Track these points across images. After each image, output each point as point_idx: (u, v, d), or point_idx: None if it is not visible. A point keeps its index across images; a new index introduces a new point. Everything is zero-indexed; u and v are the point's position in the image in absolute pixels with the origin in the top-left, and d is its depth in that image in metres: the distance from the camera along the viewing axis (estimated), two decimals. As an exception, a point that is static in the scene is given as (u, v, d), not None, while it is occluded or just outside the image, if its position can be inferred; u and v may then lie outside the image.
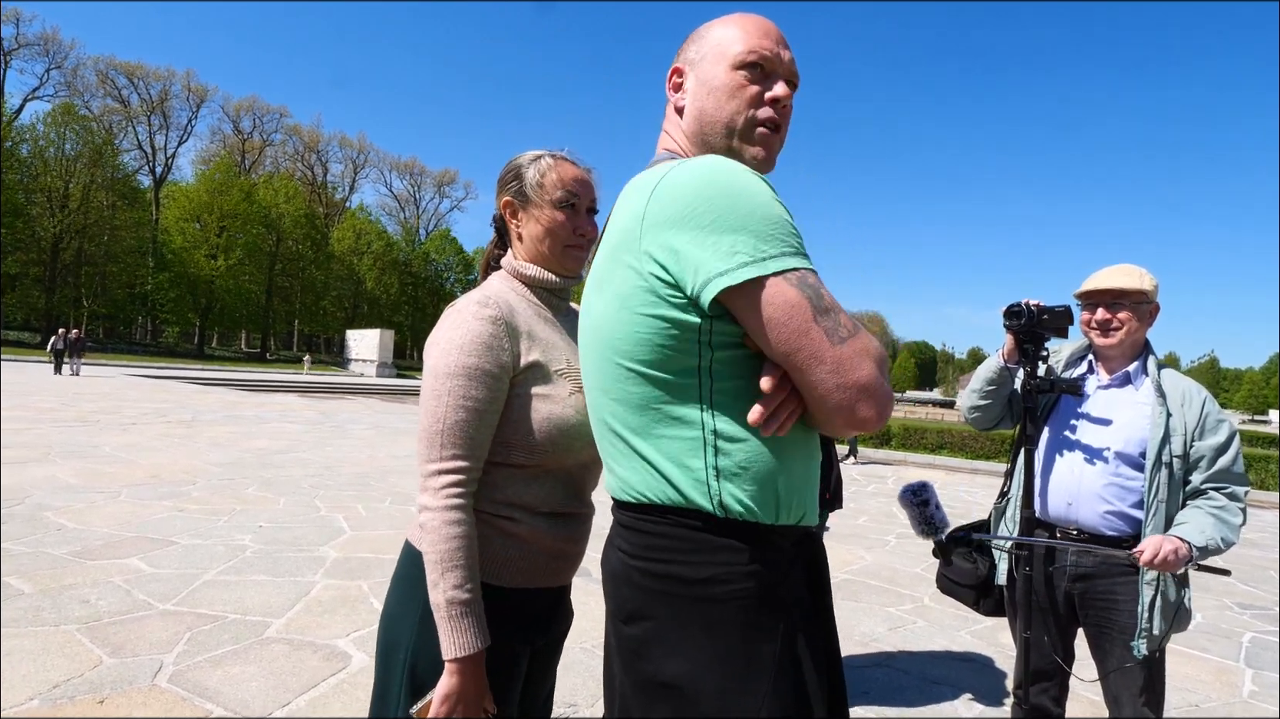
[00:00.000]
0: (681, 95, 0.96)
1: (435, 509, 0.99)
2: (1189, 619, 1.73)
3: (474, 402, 1.01)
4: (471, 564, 0.99)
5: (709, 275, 0.75)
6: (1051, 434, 1.87)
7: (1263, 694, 3.14)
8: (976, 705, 2.75)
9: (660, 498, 0.82)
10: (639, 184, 0.86)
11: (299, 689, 2.48)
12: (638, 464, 0.84)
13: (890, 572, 4.83)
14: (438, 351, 1.04)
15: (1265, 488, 11.73)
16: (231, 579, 3.61)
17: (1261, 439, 22.91)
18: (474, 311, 1.05)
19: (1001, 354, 1.89)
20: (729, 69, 0.91)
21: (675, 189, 0.79)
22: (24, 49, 48.33)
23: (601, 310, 0.86)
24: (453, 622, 0.97)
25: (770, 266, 0.75)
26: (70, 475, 6.00)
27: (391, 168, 75.02)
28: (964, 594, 2.01)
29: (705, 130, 0.92)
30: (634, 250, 0.81)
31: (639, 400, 0.83)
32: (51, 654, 2.59)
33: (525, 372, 1.06)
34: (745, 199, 0.77)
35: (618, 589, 0.88)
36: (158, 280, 48.53)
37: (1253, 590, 5.09)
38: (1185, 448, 1.70)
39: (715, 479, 0.80)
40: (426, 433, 1.02)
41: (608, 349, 0.85)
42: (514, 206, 1.16)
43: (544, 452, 1.05)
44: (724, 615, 0.79)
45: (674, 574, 0.81)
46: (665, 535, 0.83)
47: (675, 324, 0.79)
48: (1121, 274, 1.78)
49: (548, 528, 1.09)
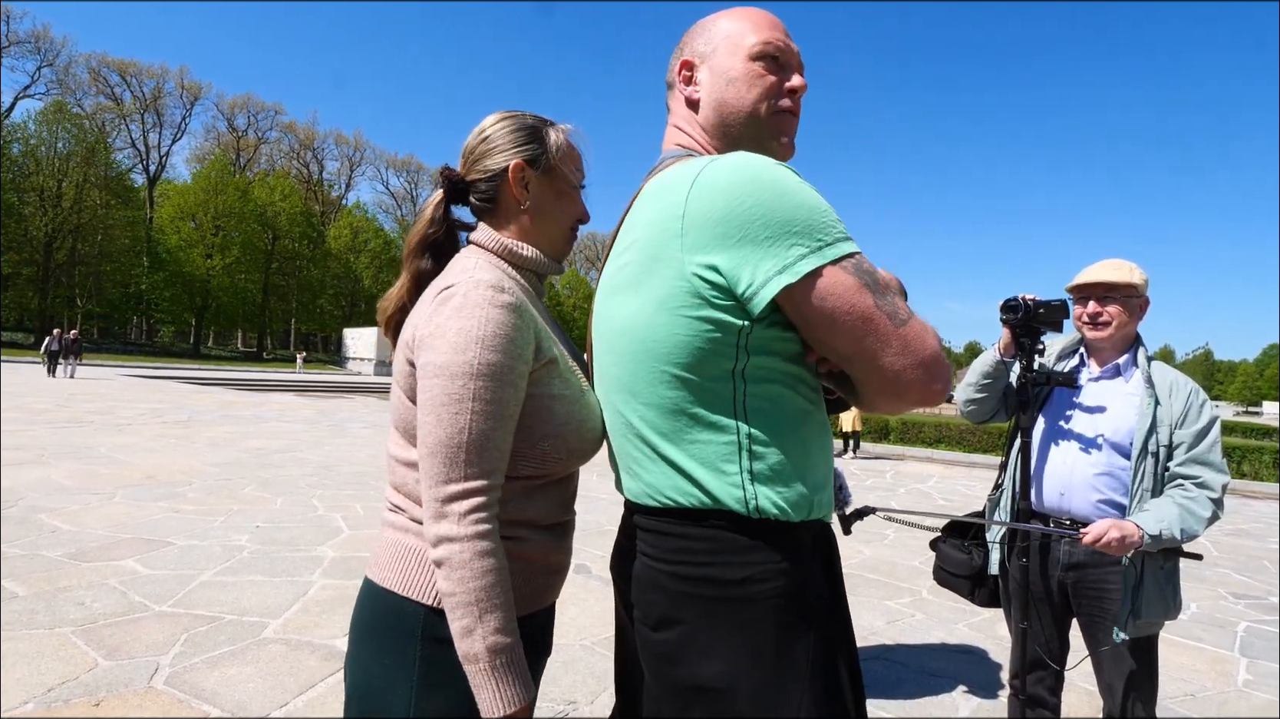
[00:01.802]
0: (695, 88, 0.95)
1: (462, 539, 0.82)
2: (1178, 609, 1.75)
3: (500, 406, 0.85)
4: (510, 603, 0.84)
5: (767, 275, 0.75)
6: (1044, 426, 1.89)
7: (1257, 683, 3.16)
8: (974, 698, 2.76)
9: (691, 502, 0.81)
10: (670, 181, 0.83)
11: (297, 690, 2.47)
12: (666, 469, 0.83)
13: (889, 566, 4.84)
14: (447, 345, 0.84)
15: (1259, 479, 11.80)
16: (228, 580, 3.60)
17: (1256, 430, 23.03)
18: (489, 297, 0.86)
19: (998, 348, 1.92)
20: (745, 60, 0.91)
21: (717, 187, 0.77)
22: (14, 47, 48.01)
23: (636, 311, 0.83)
24: (496, 673, 0.81)
25: (828, 254, 0.75)
26: (65, 477, 5.98)
27: (388, 165, 74.87)
28: (959, 585, 2.04)
29: (727, 120, 0.92)
30: (673, 251, 0.79)
31: (672, 404, 0.82)
32: (46, 657, 2.58)
33: (544, 368, 0.92)
34: (790, 193, 0.76)
35: (644, 595, 0.85)
36: (153, 280, 48.37)
37: (1247, 580, 5.12)
38: (1171, 437, 1.73)
39: (750, 483, 0.80)
40: (444, 447, 0.83)
41: (643, 352, 0.83)
42: (525, 174, 0.97)
43: (556, 459, 0.92)
44: (759, 615, 0.79)
45: (708, 576, 0.80)
46: (697, 538, 0.81)
47: (717, 326, 0.78)
48: (1112, 268, 1.82)
49: (551, 541, 0.98)
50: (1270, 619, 4.16)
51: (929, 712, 2.62)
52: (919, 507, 7.44)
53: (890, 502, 7.67)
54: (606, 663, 2.87)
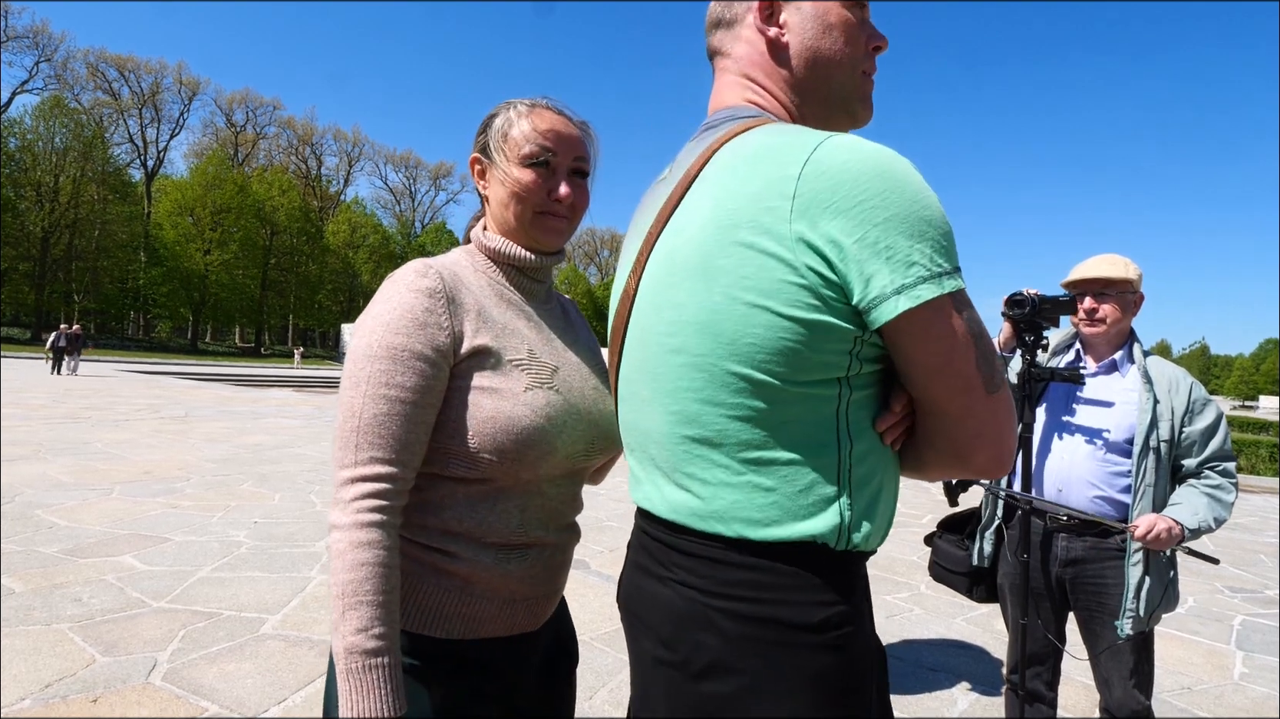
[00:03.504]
0: (781, 30, 0.78)
1: (344, 527, 0.77)
2: (1176, 601, 1.77)
3: (399, 390, 0.80)
4: (385, 602, 0.76)
5: (884, 290, 0.62)
6: (1041, 421, 1.89)
7: (1253, 676, 3.17)
8: (972, 692, 2.77)
9: (772, 533, 0.68)
10: (762, 150, 0.68)
11: (295, 686, 2.47)
12: (744, 492, 0.69)
13: (888, 560, 4.85)
14: (362, 329, 0.84)
15: (1256, 473, 11.84)
16: (226, 576, 3.59)
17: (1252, 424, 23.08)
18: (408, 281, 0.85)
19: (998, 342, 1.92)
20: (841, 5, 0.77)
21: (843, 169, 0.63)
22: (12, 42, 47.75)
23: (713, 305, 0.68)
24: (352, 678, 0.74)
25: (946, 285, 0.63)
26: (61, 473, 5.96)
27: (387, 160, 74.69)
28: (957, 581, 2.03)
29: (820, 77, 0.78)
30: (780, 235, 0.64)
31: (760, 414, 0.68)
32: (43, 654, 2.57)
33: (469, 358, 0.85)
34: (923, 199, 0.64)
35: (688, 635, 0.70)
36: (150, 275, 48.23)
37: (1243, 574, 5.13)
38: (1173, 433, 1.74)
39: (849, 509, 0.69)
40: (341, 431, 0.81)
41: (723, 353, 0.68)
42: (480, 164, 0.95)
43: (488, 462, 0.84)
44: (834, 664, 0.68)
45: (778, 618, 0.67)
46: (769, 571, 0.68)
47: (829, 331, 0.65)
48: (1107, 264, 1.83)
49: (494, 563, 0.87)
50: (1266, 613, 4.17)
51: (927, 706, 2.63)
52: (918, 501, 7.44)
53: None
54: (606, 659, 2.87)
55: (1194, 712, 2.76)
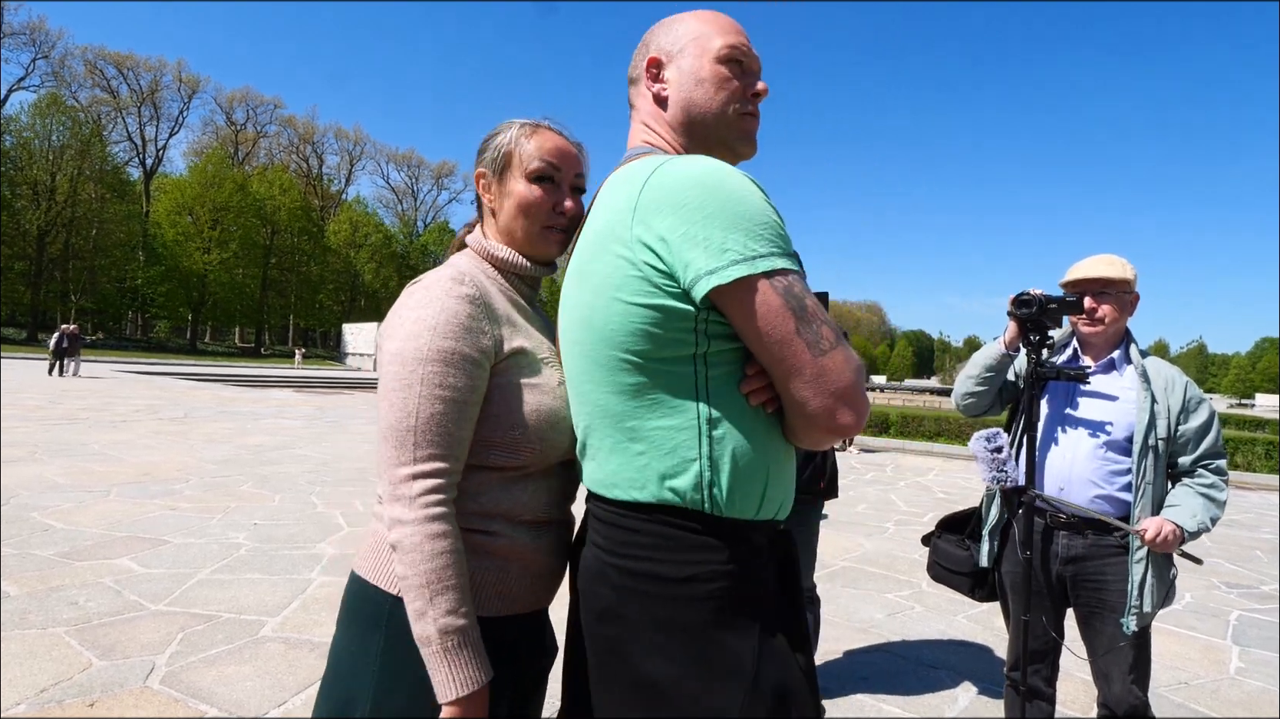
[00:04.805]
0: (663, 86, 0.96)
1: (414, 522, 0.84)
2: (1174, 596, 1.81)
3: (451, 390, 0.87)
4: (464, 584, 0.85)
5: (698, 273, 0.76)
6: (1042, 420, 1.90)
7: (1250, 671, 3.18)
8: (973, 690, 2.77)
9: (646, 494, 0.81)
10: (627, 175, 0.85)
11: (295, 688, 2.46)
12: (625, 457, 0.83)
13: (889, 558, 4.85)
14: (404, 333, 0.89)
15: (1252, 470, 11.85)
16: (225, 578, 3.58)
17: (1249, 422, 23.11)
18: (447, 289, 0.91)
19: (1003, 341, 1.94)
20: (713, 62, 0.93)
21: (670, 181, 0.79)
22: (9, 38, 47.54)
23: (589, 301, 0.84)
24: (449, 655, 0.82)
25: (759, 266, 0.76)
26: (58, 474, 5.95)
27: (389, 159, 74.51)
28: (958, 581, 2.04)
29: (694, 120, 0.94)
30: (625, 239, 0.80)
31: (632, 390, 0.82)
32: (39, 657, 2.56)
33: (509, 358, 0.94)
34: (739, 198, 0.78)
35: (592, 586, 0.86)
36: (149, 275, 48.10)
37: (1239, 570, 5.15)
38: (1170, 431, 1.77)
39: (709, 469, 0.80)
40: (394, 431, 0.87)
41: (598, 340, 0.83)
42: (486, 179, 1.03)
43: (530, 449, 0.93)
44: (702, 616, 0.79)
45: (653, 573, 0.81)
46: (647, 533, 0.82)
47: (670, 313, 0.79)
48: (1104, 264, 1.85)
49: (530, 540, 0.96)
50: (1262, 608, 4.19)
51: (928, 704, 2.63)
52: (919, 500, 7.45)
53: (890, 495, 7.68)
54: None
55: (1191, 706, 2.77)
